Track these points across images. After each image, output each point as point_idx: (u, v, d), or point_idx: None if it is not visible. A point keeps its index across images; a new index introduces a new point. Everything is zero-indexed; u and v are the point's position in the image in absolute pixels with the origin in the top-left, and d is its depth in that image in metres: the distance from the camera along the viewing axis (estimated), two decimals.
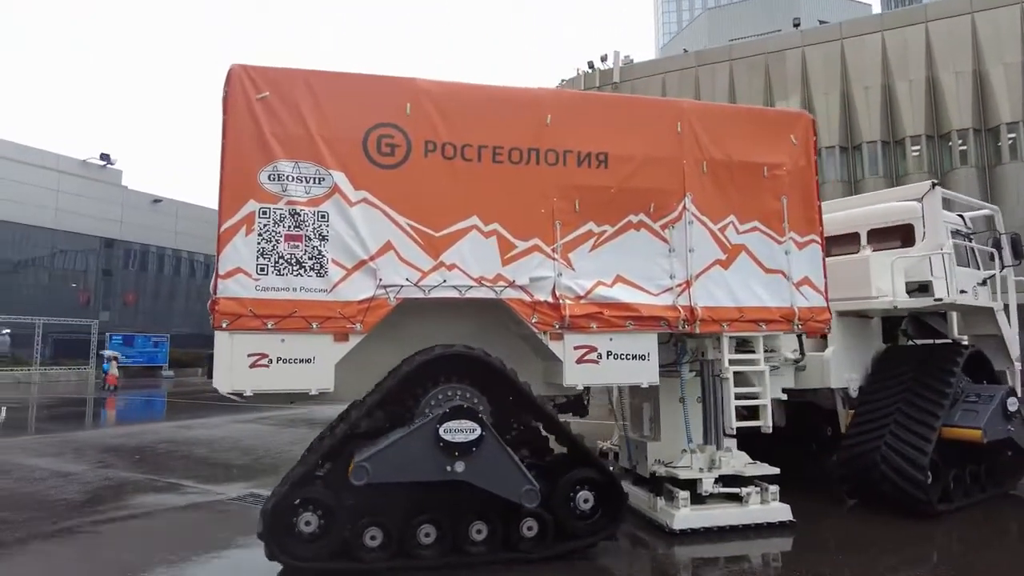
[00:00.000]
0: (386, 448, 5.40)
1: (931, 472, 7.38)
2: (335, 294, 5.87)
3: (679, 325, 6.57)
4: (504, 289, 6.21)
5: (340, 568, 5.55)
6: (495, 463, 5.50)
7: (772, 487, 6.99)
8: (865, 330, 8.74)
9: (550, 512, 5.93)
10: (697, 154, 6.84)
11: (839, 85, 30.99)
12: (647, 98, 7.06)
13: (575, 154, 6.53)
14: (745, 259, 6.89)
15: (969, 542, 6.80)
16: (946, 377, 7.84)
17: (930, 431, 7.40)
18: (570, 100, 6.67)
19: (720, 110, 7.30)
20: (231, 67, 5.98)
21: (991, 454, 8.32)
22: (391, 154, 6.14)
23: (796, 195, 7.09)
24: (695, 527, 6.65)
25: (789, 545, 6.63)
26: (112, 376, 29.92)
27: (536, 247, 6.34)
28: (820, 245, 7.15)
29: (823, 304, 7.07)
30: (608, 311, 6.39)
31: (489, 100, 6.47)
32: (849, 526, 7.25)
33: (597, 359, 6.36)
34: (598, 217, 6.54)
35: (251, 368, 5.69)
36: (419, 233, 6.11)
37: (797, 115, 7.35)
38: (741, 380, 6.99)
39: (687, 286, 6.66)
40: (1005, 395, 7.79)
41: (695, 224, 6.76)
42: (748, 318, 6.80)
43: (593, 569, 5.84)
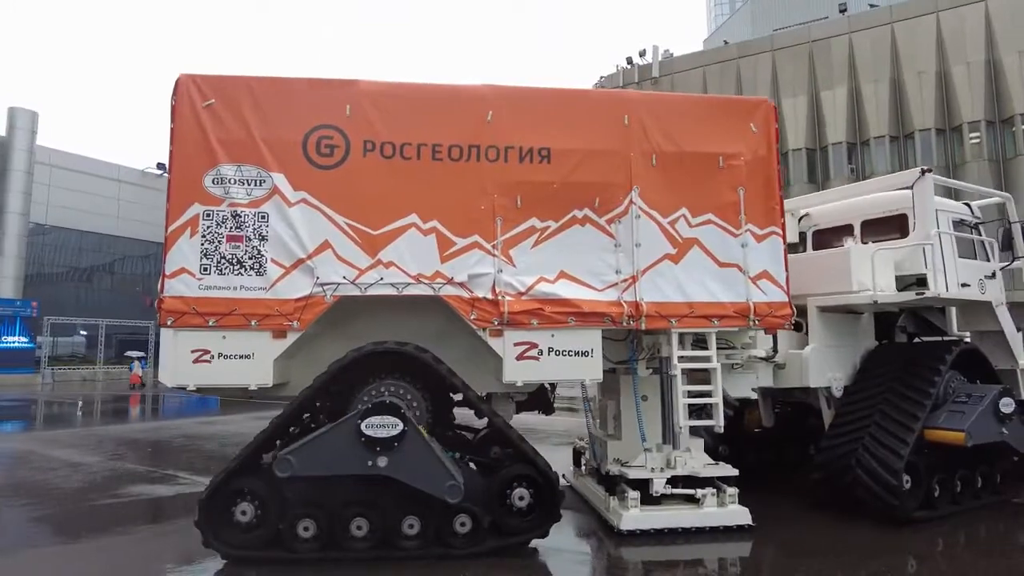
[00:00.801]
0: (310, 442, 5.54)
1: (910, 476, 6.97)
2: (273, 292, 6.06)
3: (623, 321, 6.44)
4: (443, 286, 6.25)
5: (272, 557, 5.71)
6: (418, 458, 5.54)
7: (731, 489, 6.76)
8: (854, 327, 8.30)
9: (484, 508, 5.93)
10: (646, 146, 6.68)
11: (889, 71, 29.49)
12: (594, 91, 6.96)
13: (517, 150, 6.50)
14: (697, 253, 6.68)
15: (936, 553, 6.36)
16: (930, 376, 7.37)
17: (908, 433, 6.97)
18: (512, 96, 6.62)
19: (673, 100, 7.08)
20: (178, 77, 6.25)
21: (993, 459, 7.79)
22: (330, 155, 6.28)
23: (755, 186, 6.82)
24: (644, 528, 6.49)
25: (741, 550, 6.39)
26: (136, 375, 31.45)
27: (476, 244, 6.35)
28: (781, 237, 6.85)
29: (783, 299, 6.77)
30: (549, 307, 6.33)
31: (429, 99, 6.52)
32: (816, 531, 6.92)
33: (538, 355, 6.31)
34: (541, 212, 6.49)
35: (194, 363, 5.94)
36: (357, 231, 6.22)
37: (757, 102, 7.06)
38: (702, 378, 6.78)
39: (633, 281, 6.52)
40: (997, 396, 7.26)
41: (643, 218, 6.61)
42: (699, 313, 6.59)
43: (520, 566, 5.79)
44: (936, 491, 7.22)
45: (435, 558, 5.80)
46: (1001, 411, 7.23)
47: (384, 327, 6.45)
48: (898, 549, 6.30)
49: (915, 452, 7.09)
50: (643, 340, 7.03)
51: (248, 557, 5.70)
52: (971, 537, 6.87)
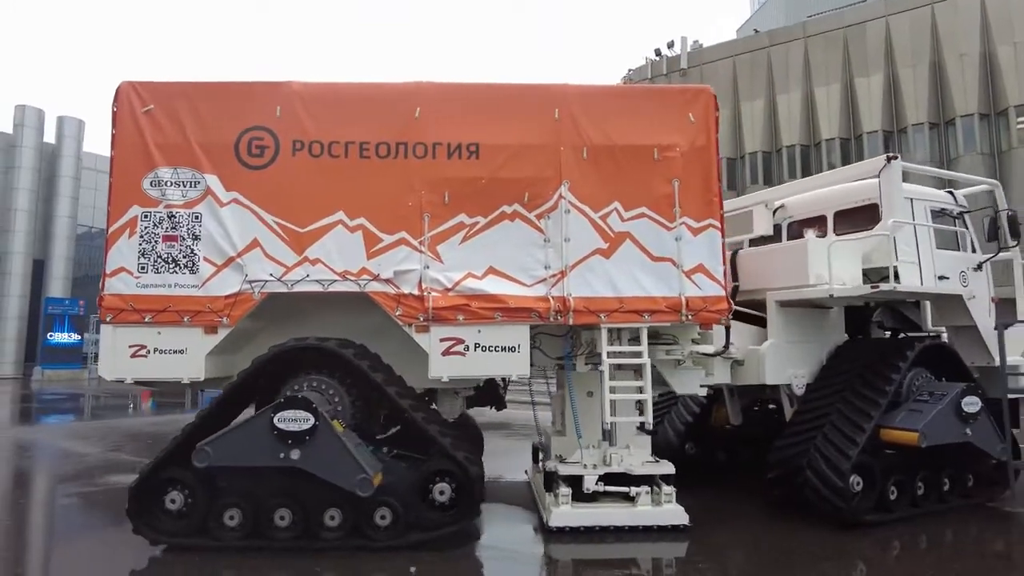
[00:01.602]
0: (227, 434, 5.72)
1: (861, 478, 6.69)
2: (205, 290, 6.28)
3: (550, 316, 6.39)
4: (368, 282, 6.35)
5: (199, 545, 5.91)
6: (329, 452, 5.65)
7: (667, 488, 6.62)
8: (820, 322, 7.99)
9: (404, 502, 6.01)
10: (576, 140, 6.60)
11: (928, 55, 28.06)
12: (523, 85, 6.84)
13: (445, 146, 6.53)
14: (630, 247, 6.56)
15: (888, 557, 6.07)
16: (888, 374, 7.04)
17: (859, 433, 6.69)
18: (440, 92, 6.64)
19: (606, 92, 6.93)
20: (120, 84, 6.53)
21: (965, 461, 7.39)
22: (260, 155, 6.46)
23: (692, 177, 6.65)
24: (574, 525, 6.43)
25: (673, 551, 6.27)
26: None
27: (403, 240, 6.42)
28: (719, 230, 6.65)
29: (719, 293, 6.57)
30: (476, 303, 6.34)
31: (358, 97, 6.62)
32: (764, 533, 6.74)
33: (464, 351, 6.33)
34: (470, 208, 6.50)
35: (131, 358, 6.22)
36: (285, 229, 6.38)
37: (697, 91, 6.86)
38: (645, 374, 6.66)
39: (562, 276, 6.46)
40: (959, 395, 6.88)
41: (572, 213, 6.54)
42: (629, 308, 6.47)
43: (441, 559, 5.81)
44: (893, 493, 6.90)
45: (354, 549, 5.90)
46: (964, 410, 6.86)
47: (329, 322, 6.62)
48: (847, 552, 6.07)
49: (871, 453, 6.81)
50: (581, 336, 6.95)
51: (175, 544, 5.92)
52: (933, 541, 6.54)
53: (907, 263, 7.78)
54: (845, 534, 6.41)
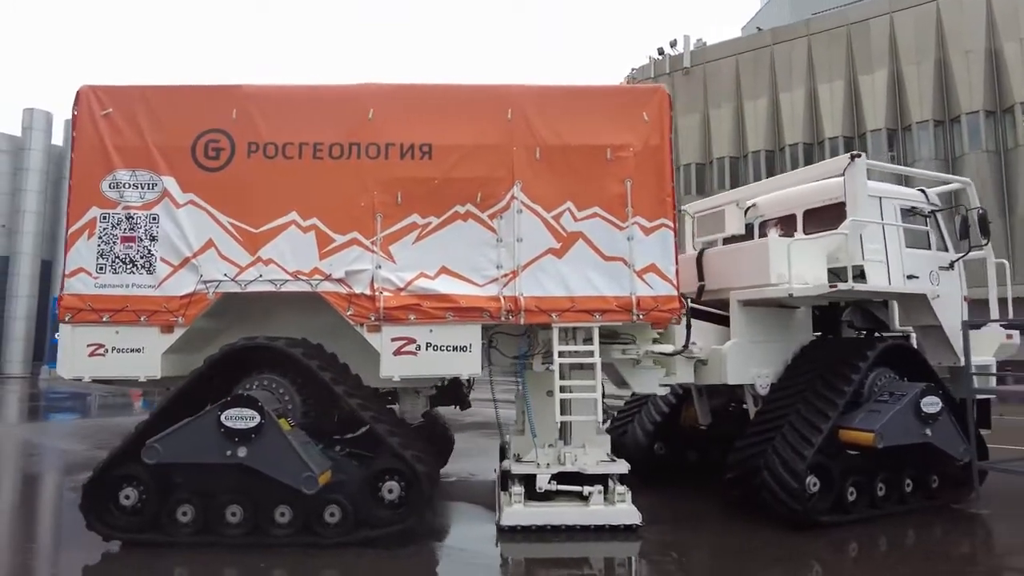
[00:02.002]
0: (176, 431, 5.81)
1: (818, 479, 6.64)
2: (162, 290, 6.38)
3: (502, 316, 6.42)
4: (320, 282, 6.41)
5: (152, 540, 6.00)
6: (275, 450, 5.72)
7: (620, 487, 6.62)
8: (786, 322, 7.94)
9: (353, 500, 6.07)
10: (529, 140, 6.63)
11: (934, 52, 27.75)
12: (477, 86, 6.87)
13: (398, 146, 6.58)
14: (582, 247, 6.57)
15: (844, 559, 6.03)
16: (848, 374, 6.98)
17: (815, 433, 6.64)
18: (394, 93, 6.70)
19: (559, 92, 6.93)
20: (80, 88, 6.66)
21: (929, 462, 7.31)
22: (216, 157, 6.55)
23: (645, 177, 6.64)
24: (525, 524, 6.45)
25: (624, 550, 6.27)
26: None
27: (355, 240, 6.48)
28: (671, 230, 6.64)
29: (671, 292, 6.56)
30: (427, 303, 6.39)
31: (312, 99, 6.70)
32: (720, 533, 6.74)
33: (415, 351, 6.38)
34: (422, 209, 6.55)
35: (90, 357, 6.33)
36: (239, 230, 6.47)
37: (651, 91, 6.85)
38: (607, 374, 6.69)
39: (514, 276, 6.49)
40: (918, 395, 6.81)
41: (525, 212, 6.56)
42: (580, 308, 6.48)
43: (388, 556, 5.85)
44: (852, 495, 6.84)
45: (304, 546, 5.97)
46: (923, 411, 6.79)
47: (292, 322, 6.70)
48: (802, 554, 6.03)
49: (830, 454, 6.76)
50: (538, 335, 6.97)
51: (128, 540, 6.02)
52: (891, 543, 6.46)
53: (874, 262, 7.72)
54: (802, 535, 6.37)
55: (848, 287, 6.80)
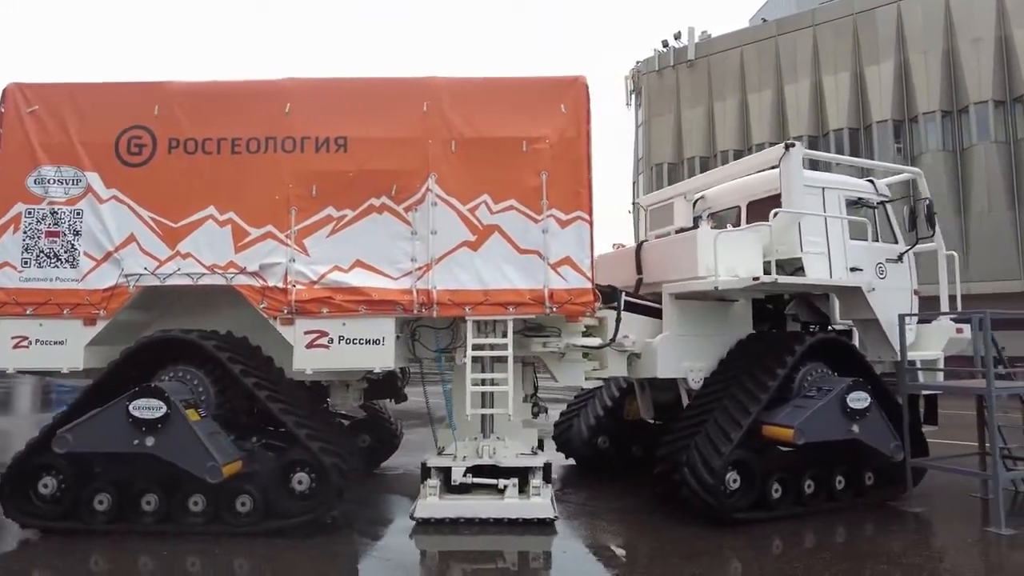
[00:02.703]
0: (86, 421, 5.94)
1: (739, 475, 6.55)
2: (85, 283, 6.52)
3: (414, 309, 6.45)
4: (235, 276, 6.50)
5: (68, 528, 6.15)
6: (181, 440, 5.81)
7: (535, 481, 6.60)
8: (723, 314, 7.83)
9: (263, 491, 6.15)
10: (445, 133, 6.63)
11: (942, 41, 27.02)
12: (393, 78, 6.87)
13: (313, 140, 6.63)
14: (498, 240, 6.56)
15: (765, 556, 5.91)
16: (773, 368, 6.87)
17: (735, 429, 6.54)
18: (310, 87, 6.74)
19: (477, 84, 6.89)
20: (6, 86, 6.82)
21: (865, 458, 7.16)
22: (139, 153, 6.66)
23: (562, 169, 6.60)
24: (439, 517, 6.47)
25: (536, 544, 6.22)
26: None
27: (270, 234, 6.55)
28: (587, 222, 6.59)
29: (585, 285, 6.52)
30: (340, 296, 6.44)
31: (231, 94, 6.78)
32: (630, 528, 6.73)
33: (328, 344, 6.44)
34: (337, 202, 6.59)
35: (14, 349, 6.50)
36: (159, 225, 6.58)
37: (569, 81, 6.78)
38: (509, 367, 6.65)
39: (428, 269, 6.50)
40: (844, 390, 6.66)
41: (440, 205, 6.57)
42: (494, 301, 6.48)
43: (291, 545, 5.92)
44: (776, 492, 6.73)
45: (215, 534, 6.06)
46: (849, 407, 6.64)
47: (227, 314, 6.80)
48: (714, 551, 5.93)
49: (755, 450, 6.66)
50: (460, 328, 6.97)
51: (46, 528, 6.18)
52: (822, 541, 6.30)
53: (815, 254, 7.60)
54: (722, 532, 6.27)
55: (771, 280, 6.68)
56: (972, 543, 6.08)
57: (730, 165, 8.54)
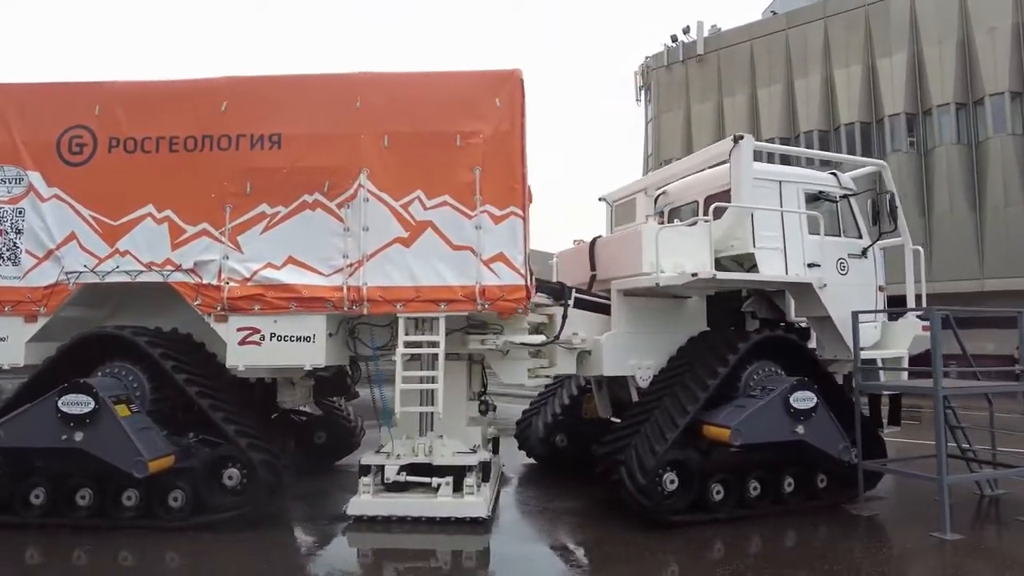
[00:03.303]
0: (17, 416, 6.04)
1: (677, 476, 6.40)
2: (26, 280, 6.63)
3: (345, 306, 6.42)
4: (171, 273, 6.55)
5: (2, 522, 6.24)
6: (109, 435, 5.88)
7: (468, 480, 6.53)
8: (674, 312, 7.67)
9: (194, 486, 6.19)
10: (378, 128, 6.59)
11: (957, 31, 26.15)
12: (326, 75, 6.83)
13: (248, 137, 6.65)
14: (431, 236, 6.50)
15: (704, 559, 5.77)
16: (715, 367, 6.70)
17: (672, 429, 6.40)
18: (246, 85, 6.75)
19: (411, 79, 6.82)
20: None
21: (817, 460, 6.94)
22: (80, 153, 6.76)
23: (496, 164, 6.51)
24: (371, 514, 6.45)
25: (467, 543, 6.18)
26: None
27: (205, 231, 6.59)
28: (521, 218, 6.49)
29: (518, 282, 6.42)
30: (271, 293, 6.45)
31: (170, 93, 6.82)
32: (560, 529, 6.61)
33: (260, 341, 6.45)
34: (271, 198, 6.60)
35: None
36: (99, 223, 6.66)
37: (504, 75, 6.67)
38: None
39: (359, 266, 6.47)
40: (787, 390, 6.46)
41: (372, 201, 6.54)
42: (426, 298, 6.43)
43: (215, 539, 5.96)
44: (719, 493, 6.56)
45: (145, 528, 6.12)
46: (793, 407, 6.44)
47: (184, 312, 6.76)
48: (655, 553, 5.78)
49: (698, 450, 6.50)
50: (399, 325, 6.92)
51: None
52: (771, 545, 6.10)
53: (769, 249, 7.41)
54: (663, 534, 6.12)
55: (709, 275, 6.52)
56: (911, 549, 5.86)
57: (686, 159, 8.35)
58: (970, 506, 7.25)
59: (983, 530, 6.57)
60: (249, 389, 7.34)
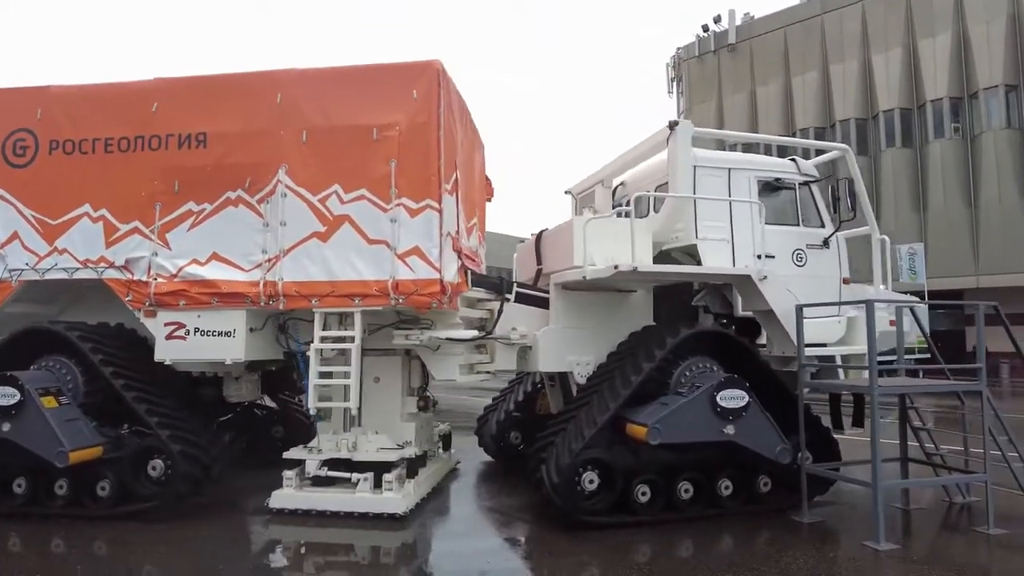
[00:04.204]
0: None
1: (601, 476, 6.17)
2: None
3: (261, 301, 6.48)
4: (105, 270, 6.75)
5: None
6: (34, 426, 6.09)
7: (388, 477, 6.47)
8: (616, 306, 7.42)
9: (119, 476, 6.37)
10: (297, 123, 6.62)
11: (1006, 7, 24.53)
12: (249, 73, 6.86)
13: (176, 137, 6.78)
14: (348, 230, 6.48)
15: (625, 563, 5.55)
16: (640, 363, 6.43)
17: (591, 427, 6.18)
18: (175, 86, 6.86)
19: (331, 74, 6.75)
20: None
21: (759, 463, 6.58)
22: (23, 155, 7.04)
23: (412, 156, 6.43)
24: (292, 507, 6.48)
25: (382, 539, 6.10)
26: None
27: (136, 229, 6.76)
28: (437, 211, 6.38)
29: (432, 276, 6.31)
30: (195, 288, 6.56)
31: (106, 96, 7.03)
32: (472, 528, 6.48)
33: (184, 335, 6.58)
34: (197, 196, 6.72)
35: None
36: (40, 222, 6.93)
37: (422, 66, 6.56)
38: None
39: (276, 261, 6.52)
40: (714, 388, 6.13)
41: (290, 196, 6.57)
42: (341, 292, 6.41)
43: (135, 530, 6.09)
44: (644, 495, 6.29)
45: (75, 516, 6.32)
46: (720, 405, 6.11)
47: (125, 308, 6.92)
48: (574, 553, 5.59)
49: (630, 450, 6.23)
50: (326, 320, 6.92)
51: None
52: (701, 550, 5.78)
53: (713, 240, 7.10)
54: (585, 536, 5.88)
55: (630, 268, 6.25)
56: (833, 558, 5.46)
57: (632, 148, 8.04)
58: (932, 515, 6.74)
59: (923, 540, 6.08)
60: (195, 384, 7.52)
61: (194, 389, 7.44)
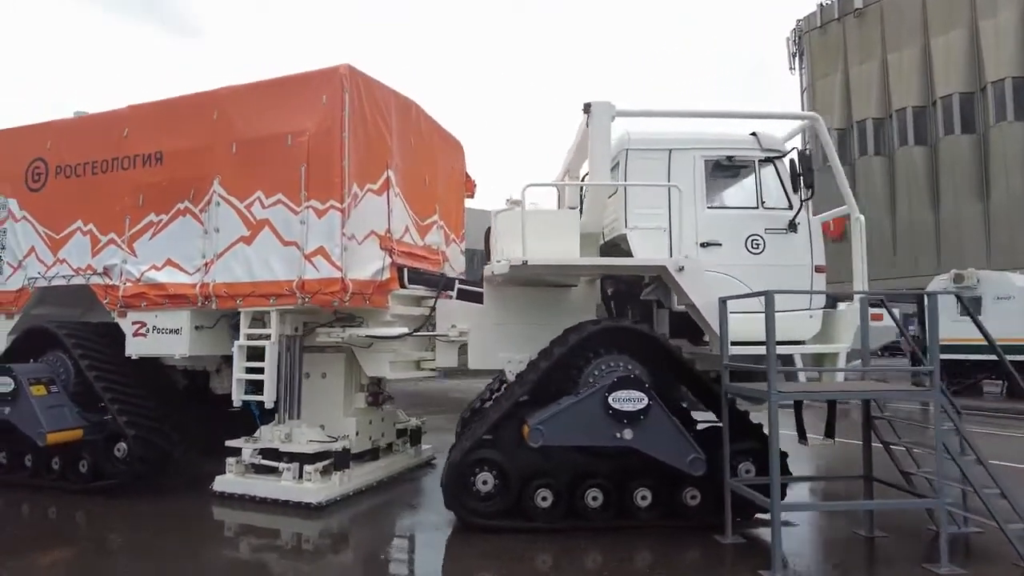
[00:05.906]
0: None
1: (499, 478, 5.96)
2: (6, 286, 8.30)
3: (199, 302, 7.04)
4: (91, 276, 7.74)
5: None
6: (24, 410, 7.14)
7: (309, 467, 6.74)
8: (555, 301, 7.07)
9: (92, 457, 7.28)
10: (228, 136, 7.12)
11: None
12: (196, 94, 7.31)
13: (141, 156, 7.60)
14: (267, 234, 6.85)
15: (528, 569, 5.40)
16: (538, 361, 6.10)
17: (484, 426, 5.99)
18: (142, 112, 7.63)
19: (259, 87, 7.03)
20: None
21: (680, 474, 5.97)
22: (38, 180, 8.27)
23: (319, 160, 6.64)
24: (231, 492, 6.99)
25: (291, 525, 6.37)
26: None
27: (112, 240, 7.68)
28: (340, 212, 6.52)
29: (334, 275, 6.46)
30: (152, 291, 7.32)
31: (93, 125, 8.07)
32: (390, 524, 6.48)
33: (146, 333, 7.35)
34: (156, 208, 7.47)
35: None
36: (48, 238, 8.11)
37: (330, 72, 6.67)
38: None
39: (211, 264, 7.06)
40: (607, 388, 5.63)
41: (222, 204, 7.08)
42: (260, 292, 6.79)
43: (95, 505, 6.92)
44: (544, 500, 5.95)
45: (61, 489, 7.33)
46: (612, 407, 5.61)
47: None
48: (478, 555, 5.53)
49: (542, 453, 5.96)
50: (264, 318, 7.35)
51: None
52: (617, 560, 5.38)
53: (644, 229, 6.56)
54: (502, 539, 5.74)
55: (519, 263, 5.94)
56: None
57: (574, 137, 7.56)
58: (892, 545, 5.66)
59: (832, 569, 5.13)
60: (191, 379, 8.39)
61: (168, 381, 8.23)
